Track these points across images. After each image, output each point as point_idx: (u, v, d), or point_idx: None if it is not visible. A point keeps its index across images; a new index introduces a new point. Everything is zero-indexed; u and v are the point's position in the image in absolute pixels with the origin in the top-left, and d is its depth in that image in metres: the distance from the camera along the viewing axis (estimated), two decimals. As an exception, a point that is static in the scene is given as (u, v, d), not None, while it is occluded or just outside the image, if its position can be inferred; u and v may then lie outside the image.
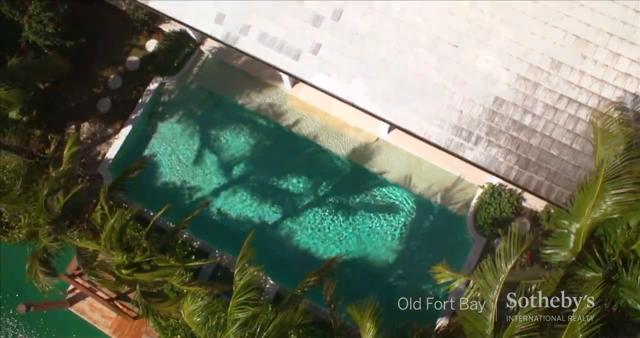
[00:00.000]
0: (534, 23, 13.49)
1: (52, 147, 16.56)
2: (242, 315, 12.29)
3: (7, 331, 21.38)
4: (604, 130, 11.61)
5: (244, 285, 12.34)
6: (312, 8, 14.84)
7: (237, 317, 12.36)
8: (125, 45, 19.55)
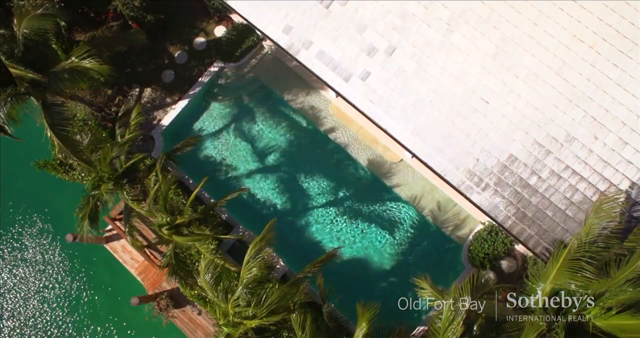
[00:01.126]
0: (560, 98, 14.75)
1: (121, 109, 18.55)
2: (251, 275, 14.22)
3: (54, 254, 23.44)
4: (597, 210, 13.00)
5: (255, 254, 14.34)
6: (370, 39, 16.20)
7: (246, 279, 14.29)
8: (196, 26, 21.15)
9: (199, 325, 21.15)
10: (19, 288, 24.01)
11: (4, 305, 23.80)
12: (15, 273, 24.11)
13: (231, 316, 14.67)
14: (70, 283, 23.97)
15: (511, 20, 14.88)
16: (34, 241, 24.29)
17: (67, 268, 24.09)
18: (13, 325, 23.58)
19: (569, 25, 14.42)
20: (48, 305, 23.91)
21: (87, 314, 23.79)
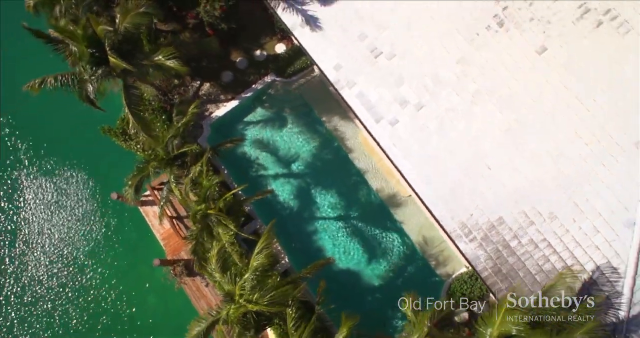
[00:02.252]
0: (552, 181, 16.67)
1: (182, 97, 20.99)
2: (257, 263, 16.66)
3: (92, 205, 26.42)
4: (552, 284, 15.04)
5: (263, 247, 16.82)
6: (404, 93, 18.29)
7: (255, 266, 16.63)
8: (260, 40, 23.51)
9: (204, 295, 23.55)
10: (54, 230, 26.76)
11: (40, 241, 26.54)
12: (54, 215, 26.77)
13: (237, 296, 16.85)
14: (101, 232, 26.66)
15: (528, 106, 16.75)
16: (77, 191, 26.93)
17: (101, 220, 26.79)
18: (44, 259, 26.31)
19: (573, 122, 16.21)
20: (75, 247, 26.56)
21: (108, 262, 26.45)
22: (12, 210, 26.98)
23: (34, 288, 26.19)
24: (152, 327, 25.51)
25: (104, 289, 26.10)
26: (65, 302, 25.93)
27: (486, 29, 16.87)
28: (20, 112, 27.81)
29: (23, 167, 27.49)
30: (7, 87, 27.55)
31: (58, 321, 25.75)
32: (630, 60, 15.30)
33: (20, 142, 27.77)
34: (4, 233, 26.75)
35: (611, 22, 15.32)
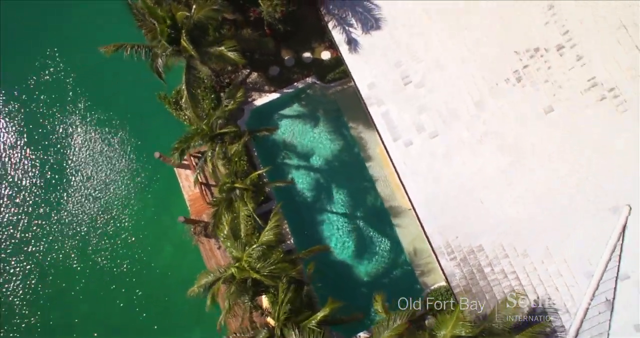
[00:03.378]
0: (532, 224, 18.40)
1: (234, 81, 24.29)
2: (265, 239, 19.07)
3: (132, 158, 29.01)
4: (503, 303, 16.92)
5: (273, 226, 19.18)
6: (423, 120, 20.27)
7: (262, 241, 19.04)
8: (310, 44, 25.44)
9: (215, 256, 25.69)
10: (96, 173, 29.13)
11: (82, 181, 28.96)
12: (98, 161, 29.18)
13: (243, 262, 19.07)
14: (137, 183, 28.82)
15: (525, 154, 18.48)
16: (122, 144, 29.27)
17: (139, 173, 28.99)
18: (83, 197, 28.73)
19: (562, 177, 17.89)
20: (112, 192, 28.87)
21: (137, 209, 28.56)
22: (64, 150, 29.46)
23: (70, 220, 28.63)
24: (164, 273, 27.62)
25: (128, 231, 28.33)
26: (94, 238, 28.29)
27: (505, 81, 18.48)
28: (86, 64, 30.14)
29: (80, 114, 29.88)
30: (79, 40, 30.07)
31: (84, 252, 28.14)
32: (622, 136, 16.85)
33: (81, 91, 30.12)
34: (53, 169, 29.20)
35: (613, 99, 16.81)
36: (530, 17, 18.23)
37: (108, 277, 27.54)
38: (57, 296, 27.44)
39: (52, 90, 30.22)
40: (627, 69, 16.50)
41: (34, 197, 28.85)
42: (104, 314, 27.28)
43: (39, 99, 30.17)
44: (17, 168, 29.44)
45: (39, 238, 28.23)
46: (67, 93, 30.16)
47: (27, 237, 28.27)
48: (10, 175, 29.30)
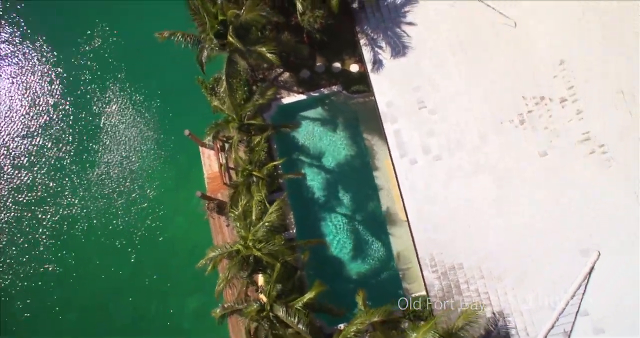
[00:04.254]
0: (510, 254, 19.74)
1: (267, 77, 25.99)
2: (269, 219, 20.68)
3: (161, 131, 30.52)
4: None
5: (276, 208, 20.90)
6: (430, 144, 21.79)
7: (265, 220, 20.75)
8: (341, 55, 26.91)
9: (223, 233, 27.19)
10: (125, 141, 30.73)
11: (112, 147, 30.62)
12: (129, 131, 30.88)
13: (249, 240, 20.81)
14: (162, 155, 30.43)
15: (515, 189, 19.93)
16: (154, 118, 30.93)
17: (165, 146, 30.54)
18: (109, 161, 30.51)
19: (543, 215, 19.35)
20: (137, 160, 30.43)
21: (158, 179, 30.16)
22: (100, 115, 31.25)
23: (97, 180, 30.38)
24: (171, 241, 29.22)
25: (148, 197, 29.91)
26: (116, 199, 29.97)
27: (510, 121, 19.85)
28: (133, 40, 31.96)
29: (120, 84, 31.61)
30: (130, 17, 31.93)
31: (106, 211, 29.80)
32: (603, 188, 18.15)
33: (125, 64, 31.86)
34: (89, 131, 31.03)
35: (601, 155, 18.16)
36: (542, 68, 19.54)
37: (122, 237, 29.22)
38: (74, 246, 29.25)
39: (99, 59, 32.03)
40: (618, 130, 17.76)
41: (70, 154, 30.63)
42: (114, 269, 28.92)
43: (87, 65, 32.00)
44: (57, 125, 31.28)
45: (68, 192, 30.05)
46: (111, 63, 31.91)
47: (58, 190, 30.10)
48: (50, 131, 31.12)
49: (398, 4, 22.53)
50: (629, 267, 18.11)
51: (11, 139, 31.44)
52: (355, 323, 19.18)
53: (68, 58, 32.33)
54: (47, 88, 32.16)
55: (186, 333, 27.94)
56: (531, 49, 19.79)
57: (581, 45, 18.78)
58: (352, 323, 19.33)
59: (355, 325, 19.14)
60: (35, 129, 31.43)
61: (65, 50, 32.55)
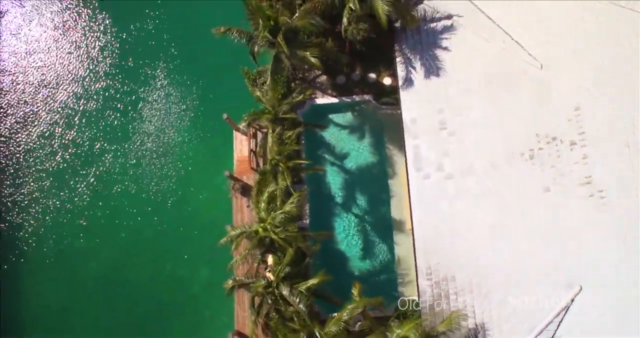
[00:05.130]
0: (500, 276, 20.80)
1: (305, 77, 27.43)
2: (287, 208, 22.23)
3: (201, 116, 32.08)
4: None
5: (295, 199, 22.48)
6: (444, 163, 22.98)
7: (284, 209, 22.22)
8: (377, 67, 28.00)
9: (243, 212, 28.58)
10: (165, 118, 32.20)
11: (152, 122, 32.13)
12: (171, 109, 32.27)
13: (266, 223, 22.38)
14: (198, 135, 31.71)
15: (514, 219, 21.03)
16: (195, 100, 32.23)
17: (202, 124, 31.85)
18: (149, 135, 31.95)
19: (536, 247, 20.41)
20: (175, 136, 31.81)
21: (190, 153, 31.52)
22: (146, 87, 32.66)
23: (134, 147, 31.95)
24: (193, 212, 30.59)
25: (178, 169, 31.28)
26: (148, 167, 31.42)
27: (521, 154, 20.84)
28: (187, 24, 33.45)
29: (169, 63, 32.98)
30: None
31: (137, 177, 31.34)
32: (594, 228, 19.16)
33: (176, 45, 33.23)
34: (132, 104, 32.58)
35: (599, 199, 19.16)
36: (559, 110, 20.44)
37: (151, 203, 30.74)
38: (107, 205, 31.02)
39: (155, 37, 33.53)
40: (618, 179, 18.66)
41: (115, 121, 32.35)
42: (138, 230, 30.52)
43: (142, 41, 33.67)
44: (106, 92, 32.96)
45: (109, 155, 31.81)
46: (165, 42, 33.33)
47: (100, 151, 31.86)
48: (100, 98, 32.85)
49: (437, 30, 23.46)
50: (607, 303, 19.19)
51: (68, 98, 33.21)
52: (348, 309, 20.41)
53: (126, 31, 33.84)
54: (103, 56, 33.73)
55: (194, 298, 29.47)
56: (552, 91, 20.71)
57: (598, 97, 19.65)
58: (345, 308, 20.52)
59: (349, 310, 20.38)
60: (88, 93, 33.11)
61: (123, 24, 34.04)
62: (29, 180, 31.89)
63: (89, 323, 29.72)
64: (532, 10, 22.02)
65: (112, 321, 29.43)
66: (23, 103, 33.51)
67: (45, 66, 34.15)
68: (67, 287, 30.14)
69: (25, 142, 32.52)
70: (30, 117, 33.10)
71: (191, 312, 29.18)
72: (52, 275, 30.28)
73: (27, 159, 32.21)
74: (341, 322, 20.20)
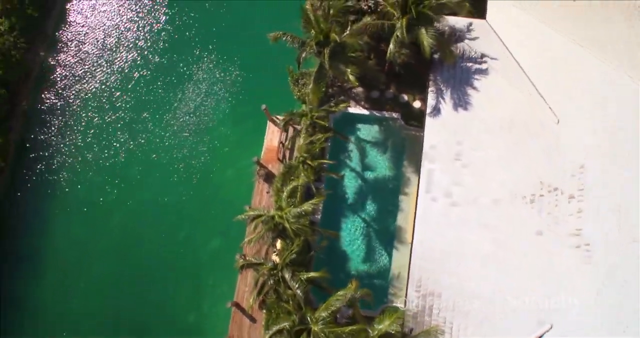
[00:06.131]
0: (482, 300, 22.04)
1: (344, 87, 28.75)
2: (305, 207, 23.55)
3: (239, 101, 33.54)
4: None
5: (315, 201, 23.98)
6: (452, 191, 24.26)
7: (303, 207, 23.55)
8: (409, 90, 29.28)
9: (262, 196, 29.96)
10: (203, 101, 33.63)
11: (196, 96, 33.59)
12: (213, 88, 33.81)
13: (283, 212, 23.85)
14: (235, 116, 33.19)
15: (505, 252, 22.19)
16: (238, 84, 33.64)
17: (240, 110, 33.22)
18: (188, 106, 33.54)
19: (519, 278, 21.45)
20: (212, 113, 33.34)
21: (224, 134, 33.00)
22: (193, 70, 34.12)
23: (173, 119, 33.51)
24: (215, 189, 32.03)
25: (210, 146, 32.82)
26: (183, 138, 32.91)
27: (522, 197, 22.07)
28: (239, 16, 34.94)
29: (223, 50, 34.49)
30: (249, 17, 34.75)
31: (171, 145, 32.90)
32: (574, 277, 20.40)
33: (231, 34, 34.65)
34: (179, 80, 34.08)
35: (584, 251, 20.42)
36: (566, 164, 21.54)
37: (179, 172, 32.28)
38: (140, 168, 32.74)
39: (210, 24, 35.07)
40: (605, 237, 19.80)
41: (162, 93, 33.99)
42: (162, 194, 32.08)
43: (197, 26, 35.24)
44: (164, 67, 34.61)
45: (151, 124, 33.51)
46: (219, 30, 34.79)
47: (144, 118, 33.58)
48: (150, 71, 34.54)
49: (471, 70, 24.57)
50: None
51: (122, 69, 34.94)
52: (340, 294, 21.62)
53: (181, 15, 35.45)
54: (159, 35, 35.38)
55: (201, 264, 30.85)
56: (563, 146, 21.85)
57: (602, 160, 20.70)
58: (335, 295, 21.73)
59: (340, 295, 21.60)
60: (145, 63, 34.75)
61: (178, 10, 35.64)
62: (76, 130, 33.54)
63: (102, 265, 30.93)
64: (561, 68, 23.04)
65: (122, 268, 30.76)
66: (89, 62, 35.16)
67: (112, 36, 35.77)
68: (94, 233, 31.60)
69: (81, 96, 34.23)
70: (90, 74, 34.77)
71: (196, 276, 30.52)
72: (81, 220, 31.87)
73: (79, 111, 33.94)
74: (331, 307, 21.34)
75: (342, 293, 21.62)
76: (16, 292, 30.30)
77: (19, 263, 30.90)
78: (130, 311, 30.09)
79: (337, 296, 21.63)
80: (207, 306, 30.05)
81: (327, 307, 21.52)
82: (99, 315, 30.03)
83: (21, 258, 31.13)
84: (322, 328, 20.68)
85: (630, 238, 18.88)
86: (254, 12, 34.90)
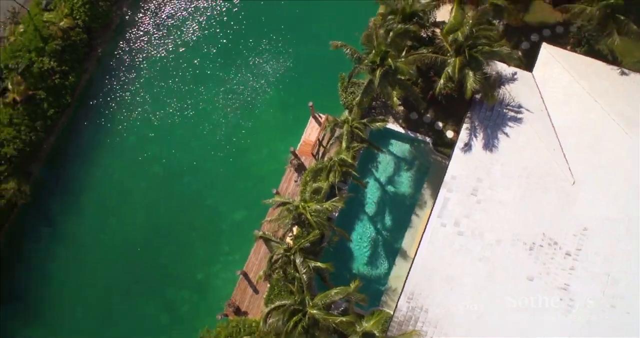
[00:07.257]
0: (466, 322, 23.13)
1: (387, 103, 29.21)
2: (327, 205, 24.93)
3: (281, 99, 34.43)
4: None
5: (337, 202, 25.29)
6: (461, 221, 25.05)
7: (325, 205, 24.91)
8: (446, 119, 29.86)
9: (289, 184, 31.17)
10: (262, 80, 34.67)
11: (248, 82, 34.58)
12: (268, 78, 34.69)
13: (306, 202, 25.18)
14: (281, 106, 34.22)
15: (497, 287, 23.11)
16: (291, 78, 34.49)
17: (287, 101, 34.15)
18: (240, 88, 34.51)
19: (504, 314, 22.46)
20: (259, 98, 34.27)
21: (267, 120, 34.02)
22: (251, 57, 35.14)
23: (222, 97, 34.62)
24: (249, 164, 33.16)
25: (250, 126, 33.88)
26: (228, 118, 34.14)
27: (523, 243, 23.06)
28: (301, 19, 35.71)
29: (282, 43, 35.22)
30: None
31: (217, 122, 34.11)
32: (554, 325, 21.43)
33: (294, 31, 35.45)
34: (240, 65, 35.06)
35: (567, 305, 21.50)
36: (570, 223, 22.31)
37: (219, 148, 33.51)
38: (186, 135, 34.12)
39: (278, 18, 35.77)
40: (589, 296, 20.71)
41: (218, 72, 35.17)
42: (198, 161, 33.43)
43: (266, 19, 36.01)
44: (225, 46, 35.63)
45: (202, 99, 34.71)
46: (284, 26, 35.53)
47: (197, 92, 34.88)
48: (213, 54, 35.43)
49: (506, 116, 25.18)
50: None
51: (191, 42, 36.12)
52: (337, 289, 22.82)
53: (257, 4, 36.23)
54: (231, 19, 36.18)
55: (221, 232, 32.26)
56: (573, 206, 22.60)
57: (604, 229, 21.45)
58: (337, 289, 22.99)
59: (338, 290, 22.82)
60: (209, 42, 35.80)
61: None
62: (138, 86, 35.02)
63: (133, 211, 32.68)
64: (590, 135, 23.60)
65: (149, 217, 32.38)
66: (164, 28, 36.35)
67: (190, 11, 36.54)
68: (131, 180, 33.44)
69: (149, 57, 35.50)
70: (162, 40, 36.00)
71: (214, 241, 31.95)
72: (123, 165, 33.72)
73: (144, 70, 35.31)
74: (330, 297, 22.70)
75: (343, 288, 22.92)
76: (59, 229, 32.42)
77: (63, 199, 32.86)
78: (145, 260, 31.70)
79: (338, 290, 23.00)
80: (218, 270, 31.56)
81: (326, 296, 22.97)
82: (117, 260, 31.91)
83: (71, 191, 33.04)
84: (317, 312, 22.11)
85: (610, 304, 19.78)
86: (323, 14, 35.29)
